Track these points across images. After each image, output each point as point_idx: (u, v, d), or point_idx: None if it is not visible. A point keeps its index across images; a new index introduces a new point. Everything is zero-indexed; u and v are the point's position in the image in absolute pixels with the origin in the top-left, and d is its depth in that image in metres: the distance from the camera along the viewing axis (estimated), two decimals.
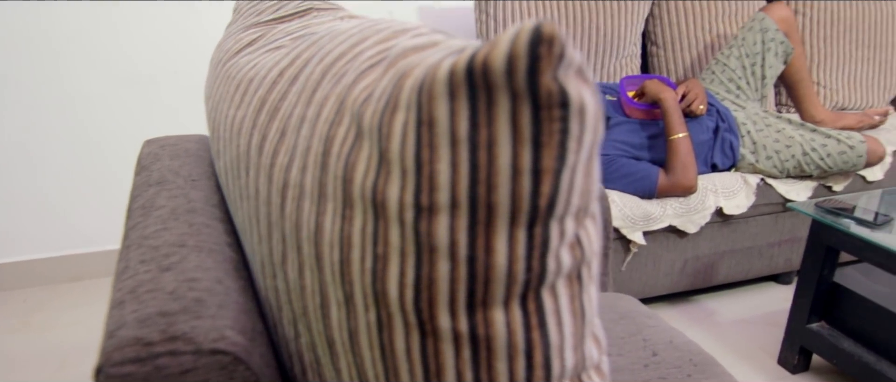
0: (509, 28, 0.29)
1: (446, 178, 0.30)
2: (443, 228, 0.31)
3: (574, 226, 0.33)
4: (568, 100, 0.29)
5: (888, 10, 2.28)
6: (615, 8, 1.96)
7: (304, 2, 0.69)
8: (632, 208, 1.62)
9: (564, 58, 0.28)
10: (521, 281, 0.33)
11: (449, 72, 0.29)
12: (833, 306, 1.53)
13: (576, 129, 0.30)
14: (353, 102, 0.35)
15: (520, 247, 0.32)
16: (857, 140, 1.72)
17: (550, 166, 0.30)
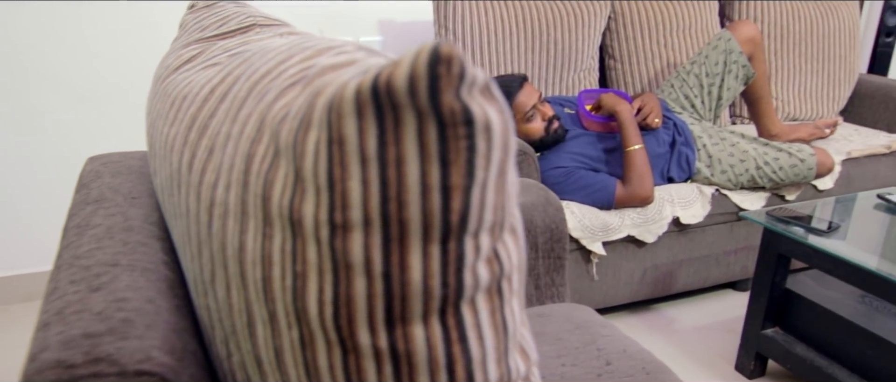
0: (412, 48, 0.30)
1: (358, 195, 0.31)
2: (357, 245, 0.32)
3: (490, 241, 0.34)
4: (472, 118, 0.30)
5: (835, 25, 2.37)
6: (573, 22, 1.99)
7: (248, 18, 0.69)
8: (590, 219, 1.64)
9: (465, 77, 0.29)
10: (439, 296, 0.33)
11: (355, 91, 0.30)
12: (786, 312, 1.57)
13: (483, 146, 0.31)
14: (271, 119, 0.35)
15: (434, 263, 0.32)
16: (808, 154, 1.78)
17: (459, 183, 0.31)
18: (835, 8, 2.38)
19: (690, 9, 2.17)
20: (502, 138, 0.32)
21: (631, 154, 1.67)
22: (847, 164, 1.98)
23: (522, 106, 1.68)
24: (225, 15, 0.72)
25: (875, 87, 2.47)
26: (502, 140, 0.32)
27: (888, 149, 2.07)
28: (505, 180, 0.33)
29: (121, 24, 1.80)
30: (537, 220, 1.17)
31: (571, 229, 1.63)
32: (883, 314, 1.52)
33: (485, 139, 0.31)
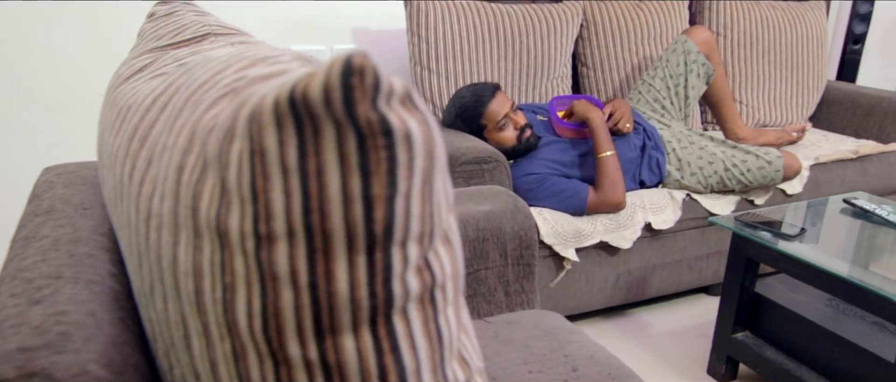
0: (328, 59, 0.30)
1: (281, 206, 0.31)
2: (282, 256, 0.31)
3: (419, 251, 0.34)
4: (391, 129, 0.30)
5: (803, 33, 2.41)
6: (545, 30, 2.01)
7: (203, 27, 0.68)
8: (563, 226, 1.65)
9: (381, 88, 0.29)
10: (368, 307, 0.33)
11: (274, 102, 0.30)
12: (756, 316, 1.59)
13: (404, 157, 0.31)
14: (202, 130, 0.35)
15: (361, 273, 0.32)
16: (775, 156, 1.80)
17: (382, 193, 0.31)
18: (802, 16, 2.43)
19: (661, 17, 2.20)
20: (425, 148, 0.32)
21: (603, 160, 1.68)
22: (815, 169, 2.01)
23: (495, 115, 1.68)
24: (182, 24, 0.72)
25: (842, 93, 2.51)
26: (425, 150, 0.32)
27: (855, 154, 2.11)
28: (431, 189, 0.33)
29: (90, 33, 1.78)
30: (506, 227, 1.17)
31: (544, 235, 1.64)
32: (849, 316, 1.54)
33: (406, 150, 0.31)
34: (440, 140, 0.33)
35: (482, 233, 1.15)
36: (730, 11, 2.30)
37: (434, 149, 0.32)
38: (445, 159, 0.35)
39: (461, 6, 1.93)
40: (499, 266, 1.19)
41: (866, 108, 2.41)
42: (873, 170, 2.13)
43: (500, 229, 1.17)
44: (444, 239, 0.36)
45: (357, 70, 0.29)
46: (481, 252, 1.16)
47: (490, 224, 1.16)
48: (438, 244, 0.35)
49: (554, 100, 1.85)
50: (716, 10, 2.30)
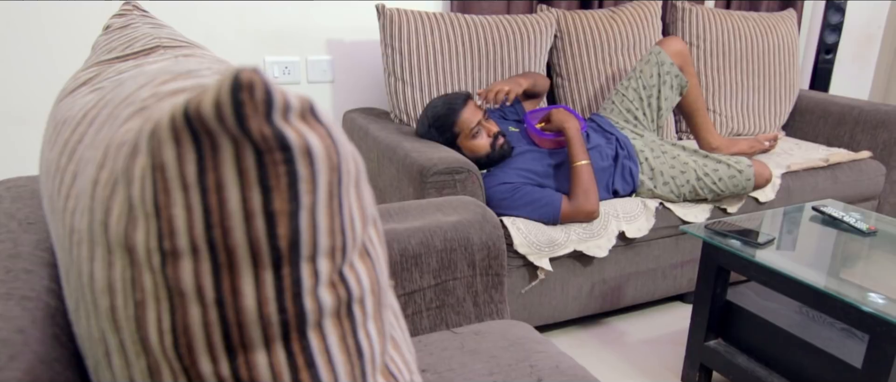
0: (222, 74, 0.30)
1: (183, 222, 0.30)
2: (187, 272, 0.31)
3: (330, 265, 0.34)
4: (288, 144, 0.30)
5: (774, 43, 2.45)
6: (519, 41, 2.02)
7: (153, 40, 0.68)
8: (536, 235, 1.66)
9: (274, 103, 0.29)
10: (278, 322, 0.33)
11: (170, 118, 0.30)
12: (728, 323, 1.60)
13: (304, 171, 0.31)
14: (115, 145, 0.35)
15: (268, 289, 0.32)
16: (746, 165, 1.82)
17: (283, 209, 0.31)
18: (774, 26, 2.46)
19: (635, 27, 2.22)
20: (328, 163, 0.32)
21: (577, 169, 1.69)
22: (787, 177, 2.04)
23: (467, 123, 1.69)
24: (134, 37, 0.72)
25: (814, 102, 2.55)
26: (328, 164, 0.32)
27: (826, 162, 2.14)
28: (339, 203, 0.33)
29: (52, 43, 1.77)
30: (474, 237, 1.17)
31: (518, 245, 1.64)
32: (819, 323, 1.56)
33: (307, 164, 0.31)
34: (349, 154, 0.33)
35: (450, 243, 1.15)
36: (702, 22, 2.33)
37: (340, 163, 0.32)
38: (360, 172, 0.35)
39: (435, 17, 1.93)
40: (467, 277, 1.18)
41: (837, 116, 2.45)
42: (844, 177, 2.15)
43: (468, 239, 1.17)
44: (362, 253, 0.36)
45: (246, 85, 0.29)
46: (449, 263, 1.16)
47: (458, 235, 1.16)
48: (355, 259, 0.35)
49: (528, 115, 1.85)
50: (689, 21, 2.33)
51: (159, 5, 1.86)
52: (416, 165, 1.53)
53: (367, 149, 1.88)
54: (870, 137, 2.35)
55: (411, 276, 1.12)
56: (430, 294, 1.15)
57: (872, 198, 2.29)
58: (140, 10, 0.89)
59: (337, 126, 0.34)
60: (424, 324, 1.16)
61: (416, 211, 1.21)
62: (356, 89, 2.18)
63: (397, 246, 1.10)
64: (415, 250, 1.12)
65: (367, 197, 0.36)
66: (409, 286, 1.13)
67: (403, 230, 1.13)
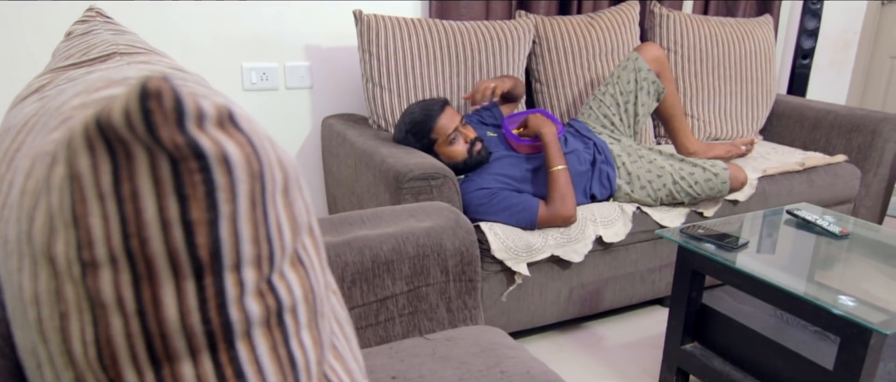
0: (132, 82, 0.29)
1: (100, 232, 0.30)
2: (107, 283, 0.31)
3: (257, 275, 0.33)
4: (203, 152, 0.30)
5: (751, 48, 2.47)
6: (497, 46, 2.03)
7: (111, 46, 0.67)
8: (514, 240, 1.66)
9: (185, 111, 0.29)
10: (203, 333, 0.32)
11: (84, 127, 0.29)
12: (704, 327, 1.60)
13: (222, 180, 0.30)
14: (40, 155, 0.35)
15: (191, 299, 0.32)
16: (721, 168, 1.84)
17: (202, 218, 0.30)
18: (751, 32, 2.49)
19: (612, 33, 2.24)
20: (248, 171, 0.31)
21: (554, 174, 1.69)
22: (763, 181, 2.06)
23: (444, 129, 1.69)
24: (93, 44, 0.71)
25: (791, 107, 2.58)
26: (248, 173, 0.31)
27: (801, 166, 2.16)
28: (263, 212, 0.33)
29: (35, 56, 1.75)
30: (447, 243, 1.17)
31: (495, 250, 1.64)
32: (793, 326, 1.57)
33: (224, 173, 0.30)
34: (273, 162, 0.33)
35: (422, 249, 1.15)
36: (680, 28, 2.35)
37: (263, 171, 0.32)
38: (289, 180, 0.35)
39: (413, 23, 1.94)
40: (440, 283, 1.18)
41: (813, 121, 2.48)
42: (819, 181, 2.18)
43: (441, 245, 1.17)
44: (294, 262, 0.36)
45: (154, 94, 0.28)
46: (422, 269, 1.15)
47: (430, 241, 1.16)
48: (285, 267, 0.35)
49: (505, 120, 1.86)
50: (666, 27, 2.35)
51: (134, 12, 1.84)
52: (393, 170, 1.53)
53: (344, 155, 1.87)
54: (845, 141, 2.37)
55: (383, 282, 1.12)
56: (403, 301, 1.15)
57: (848, 201, 2.31)
58: (103, 16, 0.88)
59: (261, 134, 0.33)
60: (397, 331, 1.15)
61: (389, 217, 1.21)
62: (335, 95, 2.18)
63: (369, 253, 1.10)
64: (387, 256, 1.11)
65: (299, 205, 0.36)
66: (382, 293, 1.12)
67: (375, 237, 1.12)
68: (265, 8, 1.99)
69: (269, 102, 2.09)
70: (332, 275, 0.55)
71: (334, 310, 0.44)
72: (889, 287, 1.35)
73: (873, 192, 2.34)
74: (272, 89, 2.08)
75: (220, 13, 1.94)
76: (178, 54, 1.93)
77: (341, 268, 1.08)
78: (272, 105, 2.09)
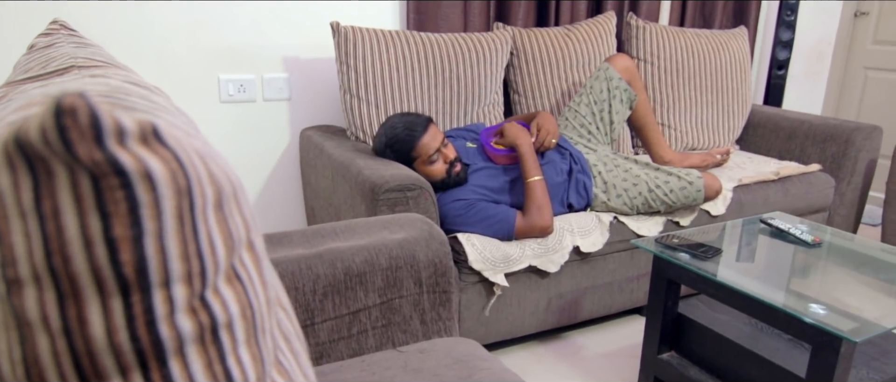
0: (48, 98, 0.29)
1: (23, 250, 0.30)
2: (32, 301, 0.30)
3: (188, 291, 0.33)
4: (123, 169, 0.30)
5: (726, 59, 2.51)
6: (475, 58, 2.04)
7: (70, 59, 0.67)
8: (491, 251, 1.66)
9: (103, 127, 0.29)
10: (132, 351, 0.32)
11: (3, 144, 0.29)
12: (680, 336, 1.61)
13: (146, 197, 0.30)
14: None
15: (117, 317, 0.31)
16: (696, 177, 1.86)
17: (126, 235, 0.30)
18: (726, 43, 2.52)
19: (589, 45, 2.26)
20: (173, 187, 0.31)
21: (530, 185, 1.70)
22: (738, 190, 2.08)
23: (426, 148, 1.69)
24: (53, 57, 0.70)
25: (766, 117, 2.61)
26: (174, 189, 0.31)
27: (777, 175, 2.19)
28: (193, 228, 0.32)
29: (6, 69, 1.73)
30: (420, 255, 1.17)
31: (472, 261, 1.64)
32: (767, 334, 1.59)
33: (147, 190, 0.30)
34: (204, 177, 0.33)
35: (395, 261, 1.15)
36: (656, 39, 2.38)
37: (191, 187, 0.32)
38: (223, 195, 0.35)
39: (391, 35, 1.94)
40: (414, 295, 1.18)
41: (788, 131, 2.51)
42: (794, 190, 2.21)
43: (414, 256, 1.17)
44: (230, 278, 0.35)
45: (68, 110, 0.28)
46: (395, 281, 1.15)
47: (403, 252, 1.16)
48: (221, 284, 0.35)
49: (484, 132, 1.86)
50: (643, 38, 2.38)
51: (109, 24, 1.83)
52: (369, 182, 1.53)
53: (322, 166, 1.87)
54: (819, 150, 2.41)
55: (356, 294, 1.12)
56: (376, 313, 1.14)
57: (823, 210, 2.34)
58: (67, 28, 0.88)
59: (190, 149, 0.33)
60: (370, 343, 1.15)
61: (362, 229, 1.20)
62: (313, 107, 2.17)
63: (341, 265, 1.10)
64: (359, 268, 1.11)
65: (236, 220, 0.35)
66: (354, 305, 1.12)
67: (347, 249, 1.12)
68: (242, 19, 1.99)
69: (246, 114, 2.08)
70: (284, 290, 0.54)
71: (281, 325, 0.44)
72: (860, 295, 1.37)
73: (847, 200, 2.37)
74: (250, 101, 2.07)
75: (196, 25, 1.94)
76: (154, 67, 1.92)
77: (313, 281, 1.07)
78: (250, 117, 2.08)
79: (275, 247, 1.12)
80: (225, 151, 2.08)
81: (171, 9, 1.89)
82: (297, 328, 0.49)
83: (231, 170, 0.36)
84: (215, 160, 0.34)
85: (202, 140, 0.37)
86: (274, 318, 0.40)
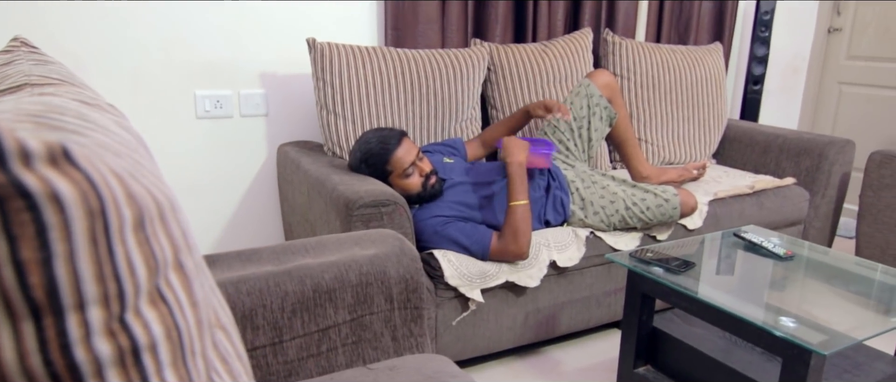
0: None
1: None
2: None
3: (105, 314, 0.33)
4: (28, 192, 0.29)
5: (702, 75, 2.54)
6: (452, 73, 2.05)
7: (24, 77, 0.67)
8: (468, 267, 1.66)
9: (5, 150, 0.29)
10: (46, 375, 0.31)
11: None
12: (655, 349, 1.62)
13: (54, 219, 0.30)
14: None
15: (29, 341, 0.31)
16: (672, 194, 1.87)
17: (34, 257, 0.30)
18: (701, 59, 2.56)
19: (566, 60, 2.28)
20: (84, 209, 0.31)
21: (511, 209, 1.67)
22: (714, 204, 2.10)
23: (401, 162, 1.69)
24: (8, 74, 0.70)
25: (742, 131, 2.65)
26: (85, 211, 0.31)
27: (752, 189, 2.21)
28: (107, 250, 0.32)
29: None
30: (391, 271, 1.17)
31: (448, 277, 1.64)
32: (740, 348, 1.59)
33: (56, 212, 0.30)
34: (119, 198, 0.32)
35: (365, 278, 1.14)
36: (632, 55, 2.41)
37: (106, 208, 0.32)
38: (144, 215, 0.34)
39: (367, 51, 1.95)
40: (385, 311, 1.17)
41: (763, 145, 2.55)
42: (769, 203, 2.23)
43: (385, 273, 1.16)
44: (154, 300, 0.35)
45: None
46: (365, 297, 1.14)
47: (374, 269, 1.15)
48: (142, 305, 0.34)
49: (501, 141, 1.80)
50: (619, 54, 2.40)
51: (83, 41, 1.82)
52: (343, 198, 1.52)
53: (298, 182, 1.86)
54: (794, 164, 2.44)
55: (325, 312, 1.11)
56: (346, 330, 1.14)
57: (798, 223, 2.37)
58: (28, 46, 0.87)
59: (105, 170, 0.32)
60: (340, 361, 1.14)
61: (333, 245, 1.20)
62: (291, 122, 2.17)
63: (310, 282, 1.09)
64: (329, 285, 1.10)
65: (160, 241, 0.35)
66: (324, 322, 1.11)
67: (317, 265, 1.11)
68: (219, 35, 1.99)
69: (223, 130, 2.07)
70: (227, 310, 0.54)
71: (218, 347, 0.44)
72: (830, 308, 1.38)
73: (822, 213, 2.40)
74: (227, 117, 2.07)
75: (172, 41, 1.93)
76: (129, 83, 1.91)
77: (281, 298, 1.06)
78: (227, 133, 2.08)
79: (244, 264, 1.11)
80: (201, 167, 2.07)
81: (147, 25, 1.89)
82: (238, 349, 0.48)
83: (162, 190, 0.36)
84: (141, 180, 0.34)
85: (133, 160, 0.37)
86: (208, 339, 0.40)
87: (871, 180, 2.22)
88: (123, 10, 1.85)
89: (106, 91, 1.89)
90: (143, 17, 1.88)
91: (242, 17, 2.00)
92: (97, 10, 1.82)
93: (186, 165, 2.04)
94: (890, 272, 1.57)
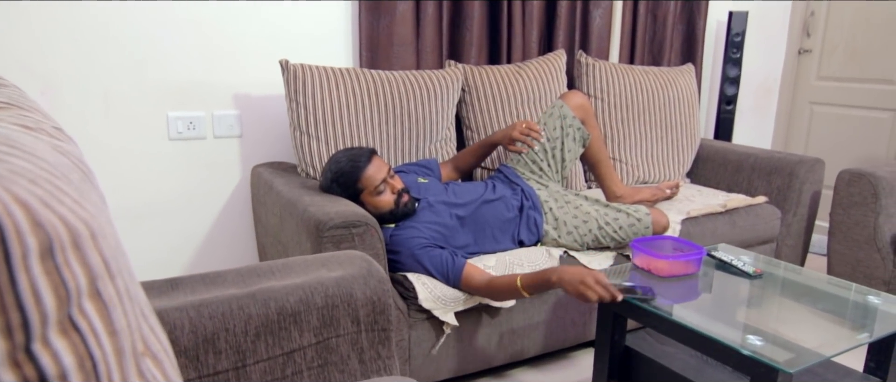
0: None
1: None
2: None
3: (8, 345, 0.32)
4: None
5: (674, 95, 2.58)
6: (426, 94, 2.06)
7: None
8: (442, 289, 1.65)
9: None
10: None
11: None
12: (628, 368, 1.62)
13: None
14: None
15: None
16: (643, 213, 1.89)
17: None
18: (674, 80, 2.60)
19: (540, 81, 2.30)
20: None
21: (512, 286, 1.58)
22: (687, 223, 2.11)
23: (372, 180, 1.68)
24: None
25: (715, 150, 2.68)
26: None
27: (724, 208, 2.23)
28: (8, 279, 0.32)
29: None
30: (358, 293, 1.16)
31: (423, 300, 1.63)
32: (712, 366, 1.60)
33: None
34: (24, 229, 0.32)
35: (331, 300, 1.13)
36: (606, 76, 2.44)
37: (7, 237, 0.31)
38: (54, 245, 0.34)
39: (341, 72, 1.95)
40: (351, 333, 1.16)
41: (736, 164, 2.58)
42: (741, 222, 2.25)
43: (352, 295, 1.15)
44: (65, 329, 0.35)
45: None
46: (331, 320, 1.13)
47: (340, 290, 1.14)
48: (51, 335, 0.34)
49: None
50: (593, 75, 2.43)
51: (52, 62, 1.81)
52: (313, 219, 1.52)
53: (271, 203, 1.85)
54: (765, 183, 2.47)
55: (290, 334, 1.10)
56: (312, 353, 1.12)
57: (770, 241, 2.39)
58: None
59: (9, 199, 0.32)
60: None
61: (299, 267, 1.19)
62: (265, 143, 2.16)
63: (274, 304, 1.08)
64: (293, 307, 1.09)
65: (74, 268, 0.35)
66: (288, 345, 1.10)
67: (281, 288, 1.10)
68: (192, 57, 1.98)
69: (196, 152, 2.06)
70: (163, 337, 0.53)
71: (145, 375, 0.43)
72: (797, 325, 1.39)
73: (794, 231, 2.43)
74: (200, 139, 2.05)
75: (143, 62, 1.92)
76: (100, 105, 1.90)
77: (244, 321, 1.05)
78: (200, 154, 2.06)
79: (207, 287, 1.10)
80: (174, 189, 2.05)
81: (118, 46, 1.88)
82: (170, 377, 0.47)
83: (81, 216, 0.35)
84: (56, 207, 0.34)
85: (54, 185, 0.36)
86: (131, 368, 0.39)
87: (840, 198, 2.25)
88: (94, 31, 1.84)
89: (77, 114, 1.87)
90: (114, 39, 1.87)
91: (216, 39, 2.00)
92: (67, 33, 1.81)
93: (159, 186, 2.02)
94: (858, 290, 1.59)
